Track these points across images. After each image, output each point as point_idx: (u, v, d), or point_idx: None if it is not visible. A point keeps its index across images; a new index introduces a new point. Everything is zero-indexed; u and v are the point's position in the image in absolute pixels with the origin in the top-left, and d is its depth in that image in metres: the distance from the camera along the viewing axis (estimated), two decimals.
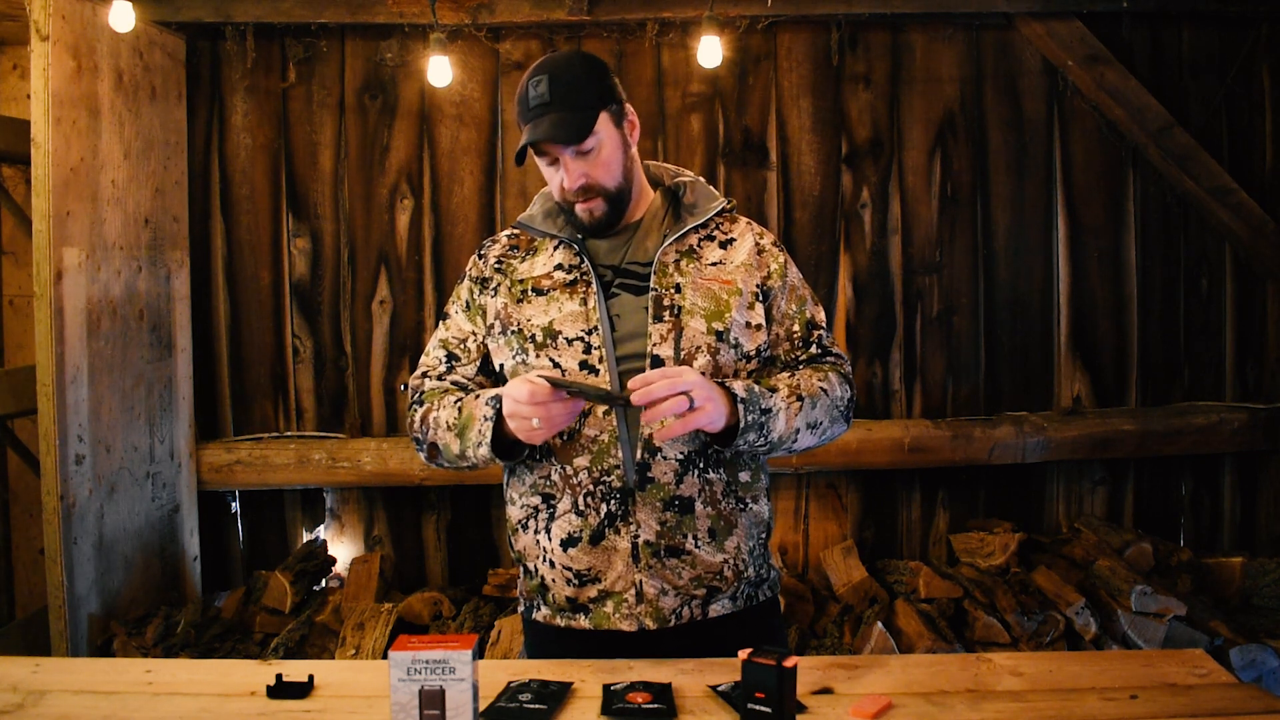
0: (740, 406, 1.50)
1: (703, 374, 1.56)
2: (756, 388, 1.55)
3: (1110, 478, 3.65)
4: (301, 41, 3.48)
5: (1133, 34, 3.52)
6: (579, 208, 1.62)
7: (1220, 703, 1.42)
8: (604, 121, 1.59)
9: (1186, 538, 3.67)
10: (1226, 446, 3.56)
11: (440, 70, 3.12)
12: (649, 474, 1.57)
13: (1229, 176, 3.46)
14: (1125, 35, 3.52)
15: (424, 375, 1.74)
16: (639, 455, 1.57)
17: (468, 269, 1.75)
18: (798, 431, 1.57)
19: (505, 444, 1.56)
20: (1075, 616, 2.95)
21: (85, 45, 2.85)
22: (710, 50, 3.11)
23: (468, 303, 1.72)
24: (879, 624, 2.89)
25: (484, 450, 1.56)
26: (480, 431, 1.55)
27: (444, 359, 1.72)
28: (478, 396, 1.60)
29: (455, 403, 1.62)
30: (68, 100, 2.78)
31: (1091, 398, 3.62)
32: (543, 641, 1.69)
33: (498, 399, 1.54)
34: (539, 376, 1.46)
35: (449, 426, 1.60)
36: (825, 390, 1.61)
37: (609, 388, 1.56)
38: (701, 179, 1.75)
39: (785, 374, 1.63)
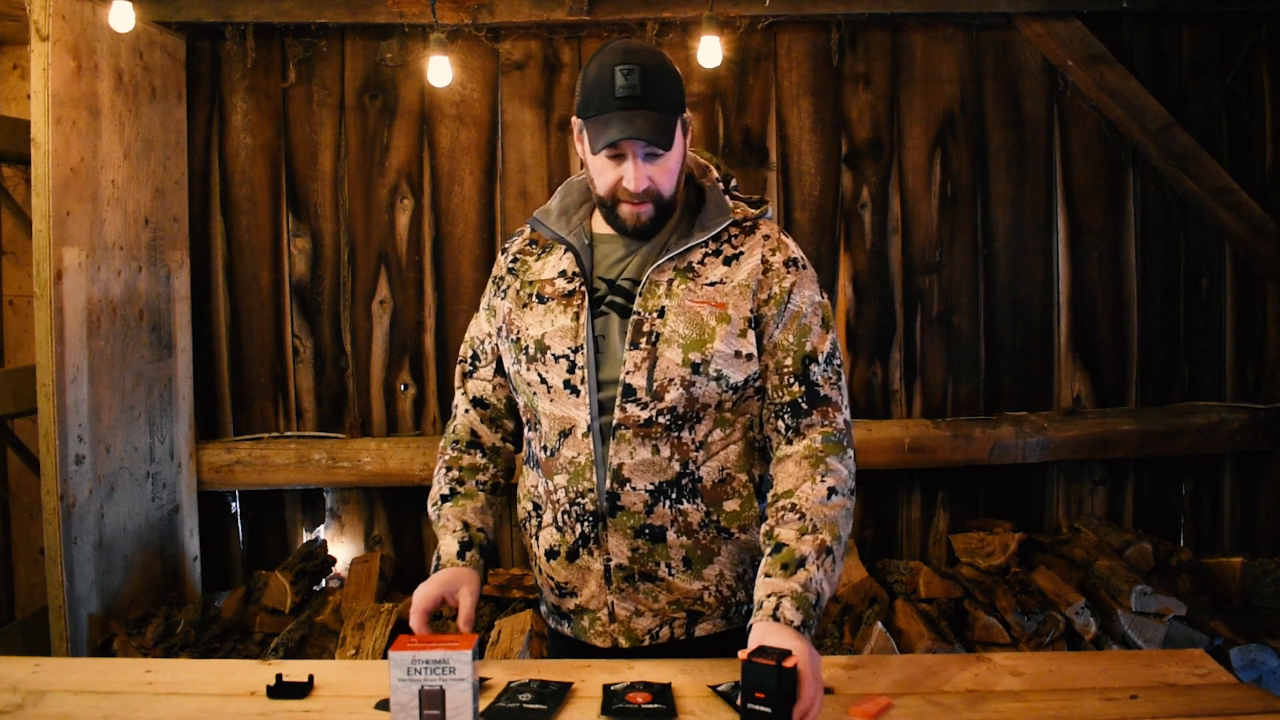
0: (808, 634, 1.38)
1: (674, 408, 1.50)
2: (804, 593, 1.39)
3: (1110, 478, 3.65)
4: (301, 41, 3.48)
5: (1133, 34, 3.52)
6: (627, 209, 1.53)
7: (1220, 703, 1.42)
8: (678, 129, 1.52)
9: (1186, 538, 3.67)
10: (1226, 446, 3.56)
11: (440, 70, 3.11)
12: (619, 503, 1.53)
13: (1229, 176, 3.45)
14: (1125, 35, 3.52)
15: (459, 374, 1.77)
16: (609, 484, 1.53)
17: (494, 266, 1.74)
18: (835, 584, 1.48)
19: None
20: (1075, 616, 2.95)
21: (85, 45, 2.85)
22: (710, 50, 3.11)
23: (488, 302, 1.71)
24: (879, 624, 2.89)
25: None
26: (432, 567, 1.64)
27: (470, 358, 1.74)
28: (445, 524, 1.64)
29: (441, 500, 1.68)
30: (68, 100, 2.77)
31: (1091, 398, 3.62)
32: (546, 634, 1.76)
33: (436, 565, 1.61)
34: None
35: (432, 520, 1.70)
36: (835, 490, 1.48)
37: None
38: (721, 184, 1.64)
39: (795, 519, 1.45)
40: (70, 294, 2.79)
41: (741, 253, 1.57)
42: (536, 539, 1.64)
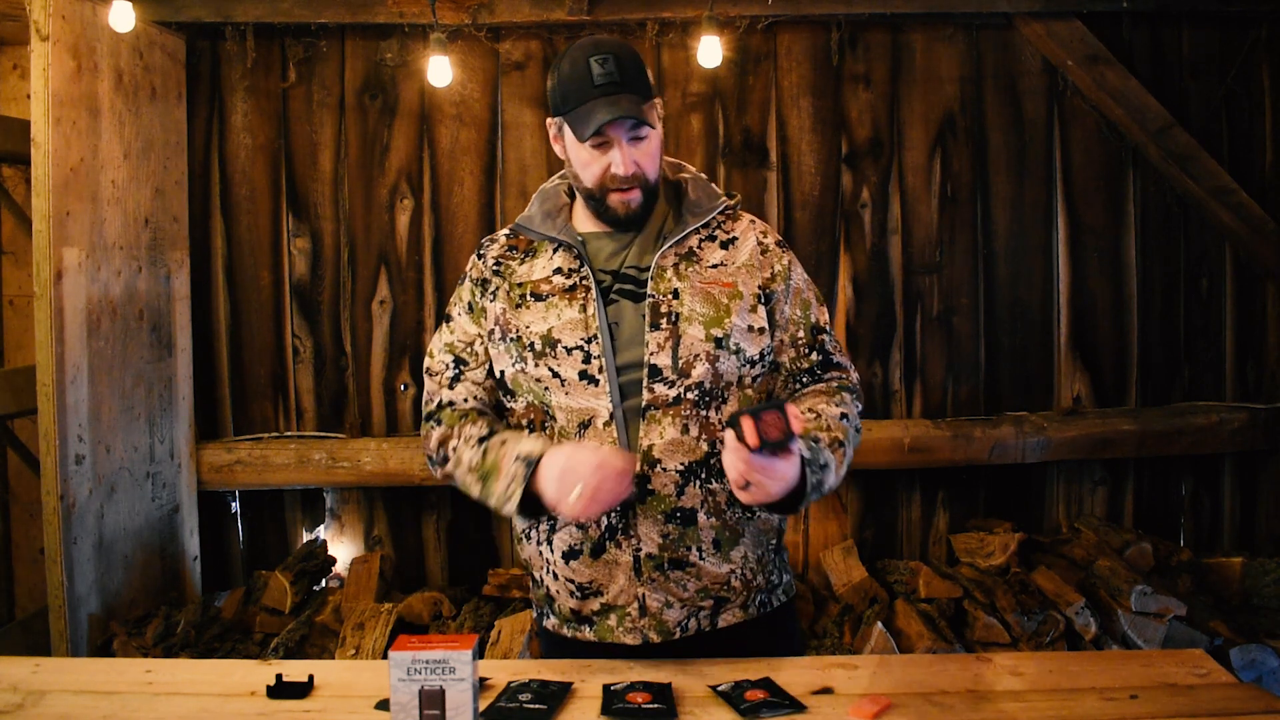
0: (806, 469, 1.44)
1: (701, 383, 1.55)
2: (815, 448, 1.49)
3: (1110, 478, 3.65)
4: (301, 41, 3.48)
5: (1133, 34, 3.52)
6: (616, 198, 1.57)
7: (1220, 703, 1.42)
8: (654, 112, 1.58)
9: (1186, 538, 3.67)
10: (1226, 446, 3.56)
11: (440, 70, 3.11)
12: (649, 486, 1.54)
13: (1229, 176, 3.45)
14: (1125, 35, 3.52)
15: (437, 384, 1.69)
16: (639, 467, 1.54)
17: (467, 269, 1.71)
18: (839, 478, 1.54)
19: (530, 502, 1.51)
20: (1075, 616, 2.95)
21: (85, 45, 2.85)
22: (710, 50, 3.11)
23: (470, 304, 1.68)
24: (879, 624, 2.89)
25: (509, 508, 1.51)
26: (508, 491, 1.50)
27: (451, 364, 1.68)
28: (504, 443, 1.54)
29: (480, 442, 1.57)
30: (68, 100, 2.78)
31: (1091, 398, 3.62)
32: (553, 648, 1.69)
33: (530, 461, 1.48)
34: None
35: (471, 468, 1.56)
36: (847, 416, 1.60)
37: (610, 399, 1.55)
38: (703, 175, 1.72)
39: (812, 417, 1.56)
40: (70, 294, 2.79)
41: (735, 237, 1.67)
42: (549, 543, 1.61)
